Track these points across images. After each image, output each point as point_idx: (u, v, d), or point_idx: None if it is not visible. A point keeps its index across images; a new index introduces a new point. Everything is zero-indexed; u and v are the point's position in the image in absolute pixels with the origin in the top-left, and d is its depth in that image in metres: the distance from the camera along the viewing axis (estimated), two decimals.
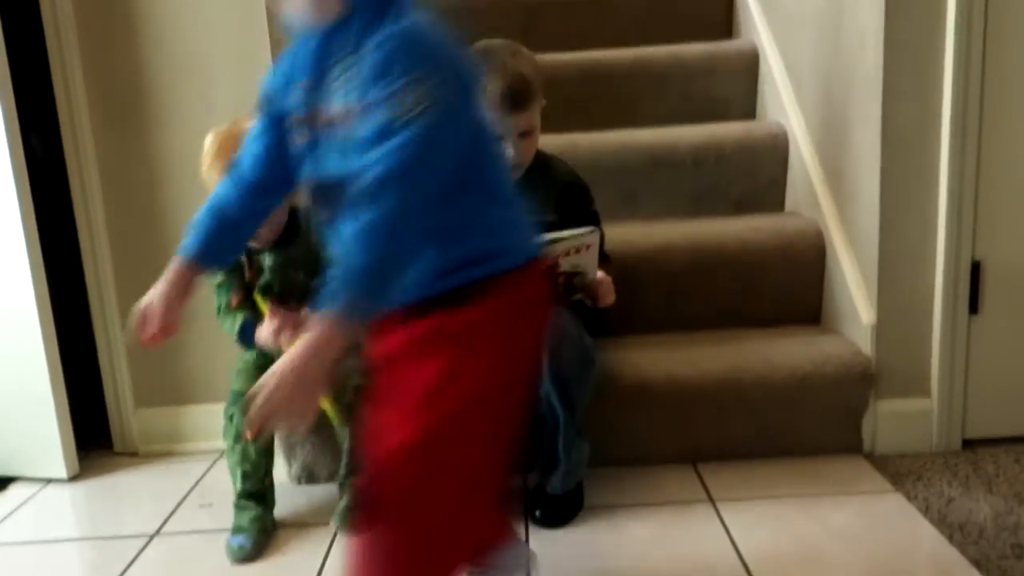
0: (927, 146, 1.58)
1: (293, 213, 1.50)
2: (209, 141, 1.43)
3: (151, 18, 1.73)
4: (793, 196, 2.06)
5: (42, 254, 1.70)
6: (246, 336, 1.47)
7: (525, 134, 1.47)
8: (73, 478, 1.76)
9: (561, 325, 1.39)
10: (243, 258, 1.49)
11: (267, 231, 1.46)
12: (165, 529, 1.53)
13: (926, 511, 1.43)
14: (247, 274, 1.50)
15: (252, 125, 1.05)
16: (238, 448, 1.48)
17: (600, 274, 1.47)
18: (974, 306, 1.62)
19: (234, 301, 1.50)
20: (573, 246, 1.38)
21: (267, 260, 1.49)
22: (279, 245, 1.49)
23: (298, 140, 0.94)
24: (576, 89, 2.32)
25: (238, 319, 1.48)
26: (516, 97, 1.42)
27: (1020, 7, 1.52)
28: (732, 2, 2.63)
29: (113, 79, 1.75)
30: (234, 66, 1.74)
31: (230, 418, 1.50)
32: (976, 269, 1.61)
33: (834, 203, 1.85)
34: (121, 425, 1.87)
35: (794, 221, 1.92)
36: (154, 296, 1.01)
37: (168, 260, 1.83)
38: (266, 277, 1.50)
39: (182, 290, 1.01)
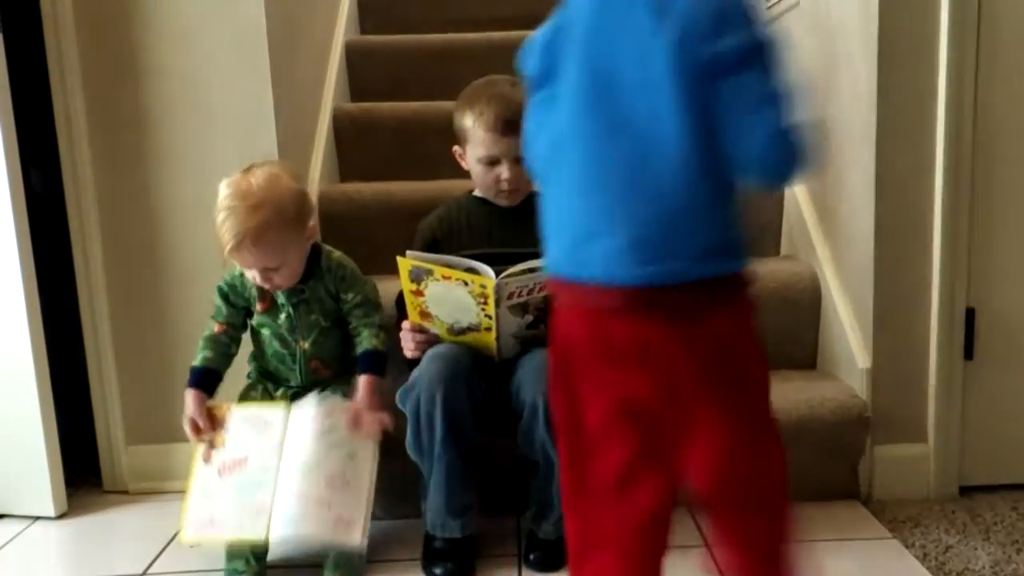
0: (921, 192, 1.60)
1: (314, 253, 1.49)
2: (227, 197, 1.37)
3: (155, 59, 1.75)
4: (788, 240, 2.07)
5: (38, 289, 1.70)
6: (193, 378, 1.48)
7: (520, 159, 1.50)
8: (61, 516, 1.74)
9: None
10: (253, 290, 1.49)
11: (285, 278, 1.43)
12: (152, 569, 1.50)
13: (924, 558, 1.41)
14: (258, 305, 1.50)
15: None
16: None
17: None
18: (969, 352, 1.62)
19: (216, 328, 1.52)
20: None
21: (280, 296, 1.48)
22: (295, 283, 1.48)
23: None
24: None
25: (198, 356, 1.50)
26: (510, 121, 1.46)
27: (1011, 54, 1.56)
28: None
29: (115, 118, 1.76)
30: (235, 109, 1.76)
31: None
32: (970, 316, 1.62)
33: (829, 248, 1.86)
34: (111, 462, 1.85)
35: (790, 265, 1.93)
36: None
37: (164, 299, 1.86)
38: (282, 314, 1.49)
39: None
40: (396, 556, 1.50)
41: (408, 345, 1.48)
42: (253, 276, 1.42)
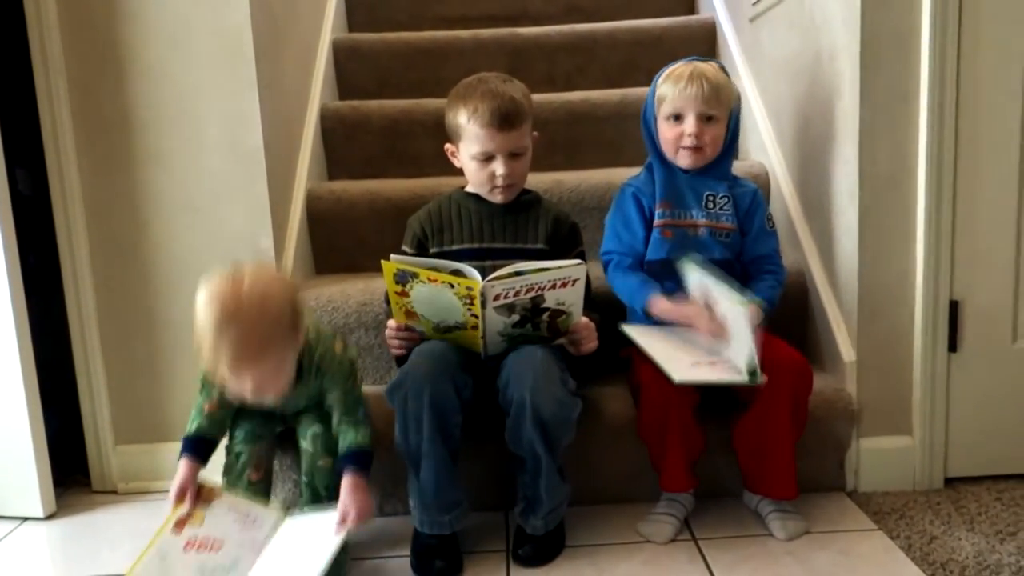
0: (905, 187, 1.61)
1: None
2: (208, 309, 1.24)
3: (140, 59, 1.74)
4: None
5: (24, 289, 1.70)
6: (187, 446, 1.40)
7: (515, 155, 1.52)
8: (49, 516, 1.74)
9: (545, 367, 1.40)
10: None
11: (279, 389, 1.36)
12: None
13: (908, 549, 1.42)
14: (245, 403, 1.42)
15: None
16: (240, 489, 1.44)
17: (584, 319, 1.48)
18: (953, 344, 1.64)
19: (207, 407, 1.44)
20: (559, 278, 1.37)
21: (268, 400, 1.39)
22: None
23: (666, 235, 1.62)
24: (562, 129, 2.35)
25: (192, 425, 1.43)
26: (505, 117, 1.48)
27: (992, 49, 1.57)
28: (715, 47, 2.68)
29: (100, 117, 1.76)
30: (221, 108, 1.76)
31: (236, 456, 1.47)
32: (954, 308, 1.63)
33: (815, 242, 1.87)
34: (100, 462, 1.85)
35: None
36: None
37: (151, 299, 1.85)
38: (271, 416, 1.47)
39: None
40: (386, 553, 1.51)
41: (394, 343, 1.49)
42: (242, 393, 1.33)
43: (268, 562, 1.35)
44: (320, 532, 1.34)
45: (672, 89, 1.59)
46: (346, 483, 1.37)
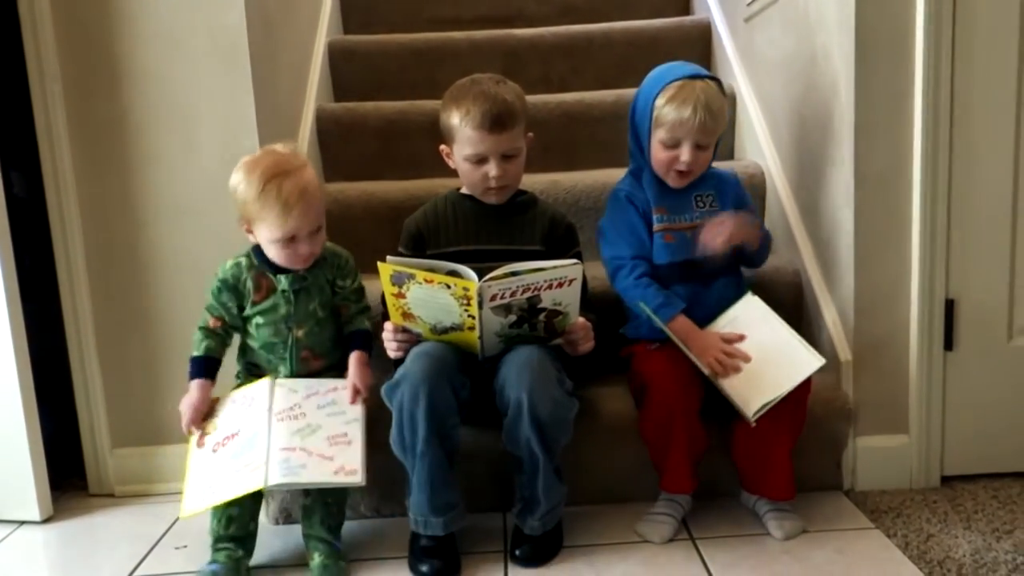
0: (900, 186, 1.62)
1: None
2: (245, 181, 1.43)
3: (135, 62, 1.74)
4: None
5: (20, 292, 1.69)
6: (199, 368, 1.50)
7: (509, 156, 1.52)
8: (46, 520, 1.73)
9: (542, 368, 1.40)
10: (249, 282, 1.50)
11: (319, 244, 1.49)
12: (138, 572, 1.50)
13: (905, 548, 1.43)
14: (254, 296, 1.50)
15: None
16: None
17: (581, 320, 1.48)
18: (949, 343, 1.64)
19: (211, 323, 1.52)
20: (555, 279, 1.37)
21: (283, 283, 1.50)
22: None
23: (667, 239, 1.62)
24: (557, 130, 2.35)
25: (200, 346, 1.51)
26: (497, 119, 1.48)
27: (986, 48, 1.57)
28: (710, 47, 2.69)
29: (95, 120, 1.76)
30: (217, 110, 1.76)
31: None
32: (950, 307, 1.63)
33: (810, 242, 1.87)
34: (97, 466, 1.84)
35: (772, 260, 1.92)
36: None
37: (147, 302, 1.86)
38: (280, 302, 1.50)
39: None
40: (384, 554, 1.51)
41: (391, 345, 1.48)
42: (293, 251, 1.44)
43: (289, 427, 1.45)
44: (333, 395, 1.50)
45: (673, 115, 1.54)
46: (356, 359, 1.52)
